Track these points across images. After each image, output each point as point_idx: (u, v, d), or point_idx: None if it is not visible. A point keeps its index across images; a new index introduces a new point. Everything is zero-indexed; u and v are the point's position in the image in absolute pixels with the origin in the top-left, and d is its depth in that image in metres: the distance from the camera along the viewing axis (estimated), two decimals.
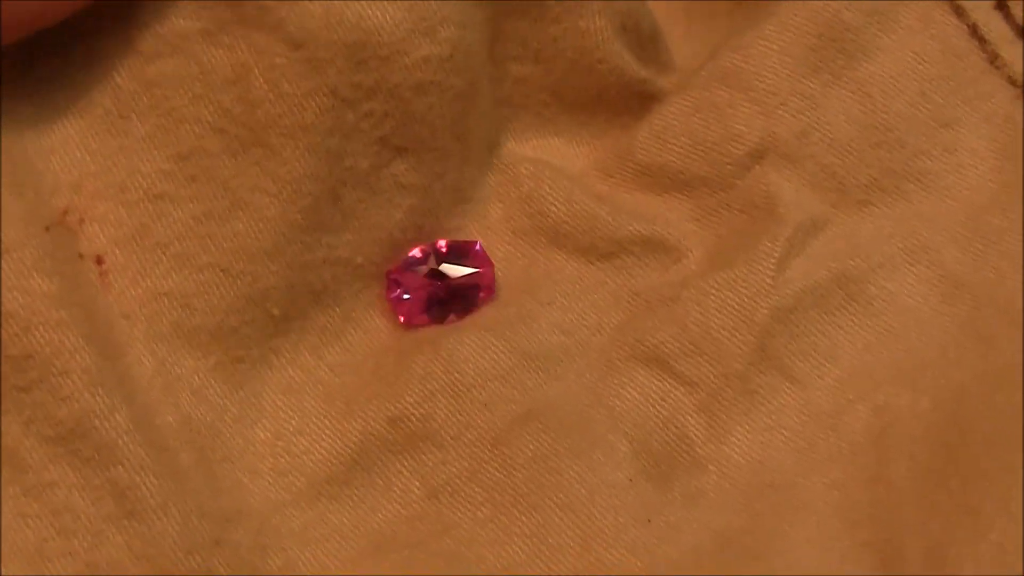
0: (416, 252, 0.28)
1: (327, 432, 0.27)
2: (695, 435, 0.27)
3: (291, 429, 0.27)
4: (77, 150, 0.26)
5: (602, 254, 0.29)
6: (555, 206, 0.28)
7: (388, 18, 0.25)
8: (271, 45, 0.25)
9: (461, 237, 0.29)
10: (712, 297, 0.28)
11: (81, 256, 0.25)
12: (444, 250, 0.28)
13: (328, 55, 0.25)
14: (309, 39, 0.25)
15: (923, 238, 0.28)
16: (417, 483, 0.27)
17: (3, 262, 0.24)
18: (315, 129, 0.25)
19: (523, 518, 0.26)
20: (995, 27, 0.29)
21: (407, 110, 0.26)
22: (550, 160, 0.29)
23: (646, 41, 0.29)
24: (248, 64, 0.25)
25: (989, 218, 0.29)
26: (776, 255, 0.28)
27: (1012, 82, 0.29)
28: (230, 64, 0.25)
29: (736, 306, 0.28)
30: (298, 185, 0.26)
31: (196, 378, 0.26)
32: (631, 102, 0.29)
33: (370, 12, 0.25)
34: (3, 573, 0.24)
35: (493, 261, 0.28)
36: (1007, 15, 0.29)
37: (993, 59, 0.29)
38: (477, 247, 0.28)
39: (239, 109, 0.25)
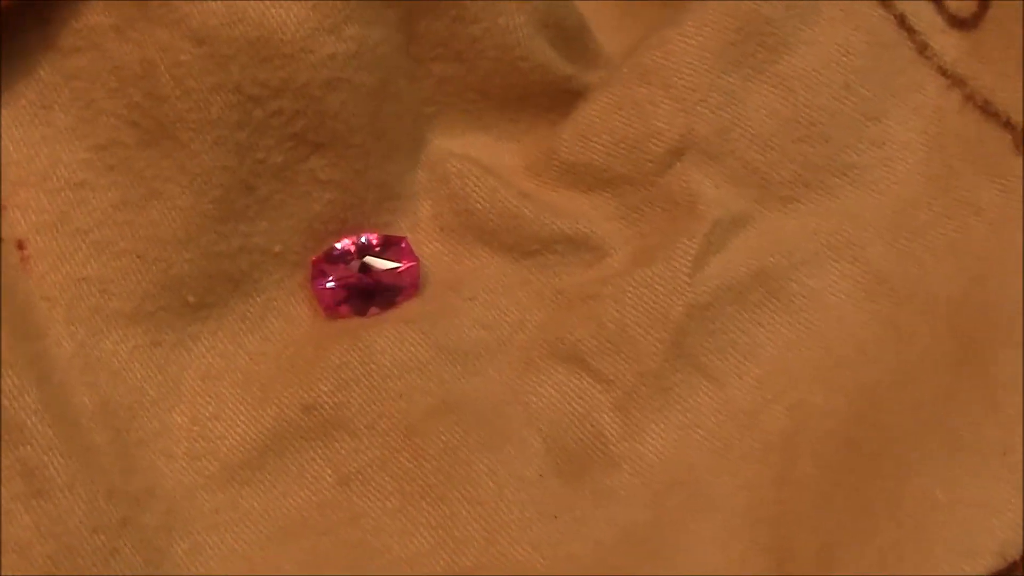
0: (343, 243, 0.28)
1: (242, 418, 0.27)
2: (610, 433, 0.27)
3: (208, 414, 0.27)
4: (1, 139, 0.27)
5: (527, 252, 0.29)
6: (480, 203, 0.29)
7: (291, 16, 0.26)
8: (175, 41, 0.26)
9: (390, 233, 0.29)
10: (629, 295, 0.27)
11: (2, 240, 0.26)
12: (371, 243, 0.28)
13: (231, 51, 0.26)
14: (211, 36, 0.25)
15: (848, 234, 0.28)
16: (329, 470, 0.27)
17: None
18: (222, 123, 0.26)
19: (430, 509, 0.26)
20: (925, 16, 0.28)
21: (319, 108, 0.26)
22: (478, 157, 0.29)
23: (571, 37, 0.29)
24: (154, 61, 0.26)
25: (916, 212, 0.28)
26: (693, 252, 0.27)
27: (943, 72, 0.28)
28: (138, 60, 0.26)
29: (651, 303, 0.27)
30: (208, 177, 0.26)
31: (115, 360, 0.27)
32: (558, 99, 0.29)
33: (272, 10, 0.25)
34: None
35: (420, 258, 0.29)
36: (939, 4, 0.28)
37: (923, 49, 0.28)
38: (403, 243, 0.29)
39: (148, 104, 0.26)
